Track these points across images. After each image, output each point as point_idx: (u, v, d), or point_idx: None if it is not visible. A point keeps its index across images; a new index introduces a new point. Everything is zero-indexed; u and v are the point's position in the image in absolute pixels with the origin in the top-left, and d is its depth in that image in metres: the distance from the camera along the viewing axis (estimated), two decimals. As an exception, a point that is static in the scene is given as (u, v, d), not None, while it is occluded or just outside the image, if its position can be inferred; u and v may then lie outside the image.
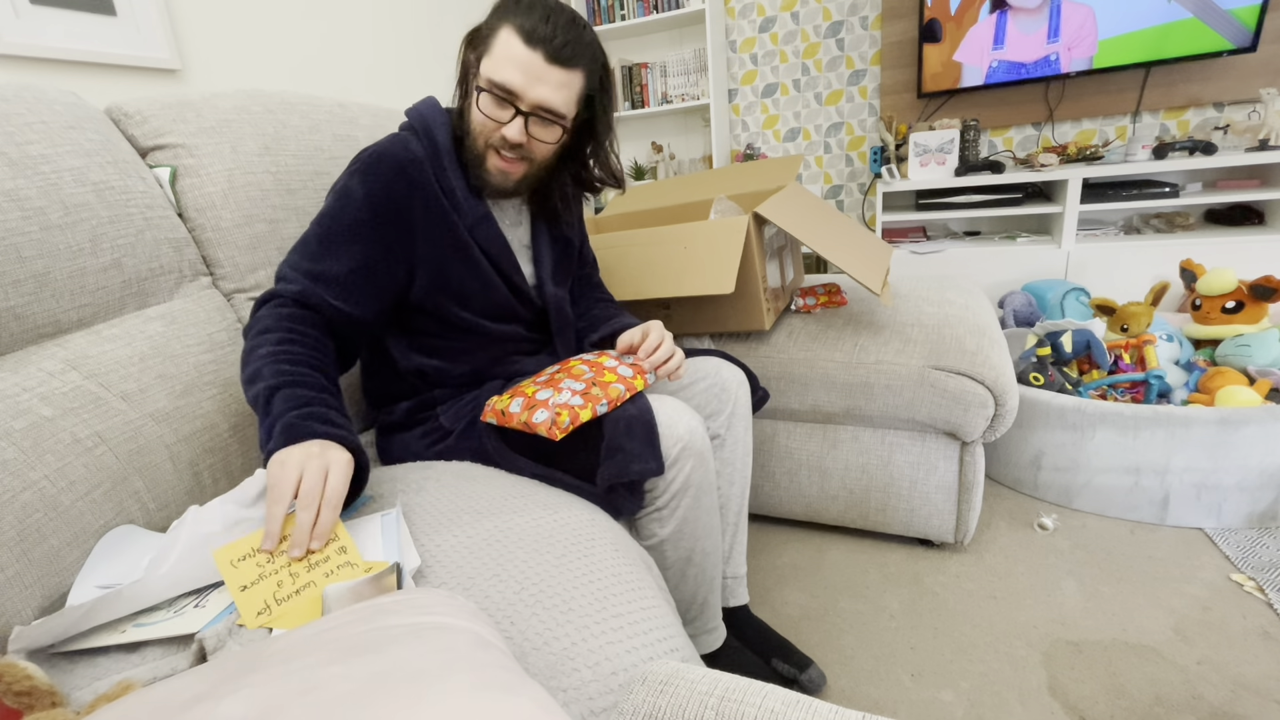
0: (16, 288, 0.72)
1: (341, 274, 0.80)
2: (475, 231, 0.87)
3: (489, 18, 0.81)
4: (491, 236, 0.89)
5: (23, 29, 1.10)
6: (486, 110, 0.80)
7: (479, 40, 0.81)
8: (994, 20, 2.22)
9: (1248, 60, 2.10)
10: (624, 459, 0.75)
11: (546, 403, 0.77)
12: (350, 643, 0.38)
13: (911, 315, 1.30)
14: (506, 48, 0.77)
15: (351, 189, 0.82)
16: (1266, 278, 1.40)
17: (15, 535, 0.62)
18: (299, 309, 0.77)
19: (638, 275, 1.20)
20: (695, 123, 2.95)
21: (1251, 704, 0.91)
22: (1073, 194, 2.11)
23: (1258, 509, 1.26)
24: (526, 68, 0.77)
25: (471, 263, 0.88)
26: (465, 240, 0.87)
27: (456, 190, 0.86)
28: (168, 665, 0.51)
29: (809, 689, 0.99)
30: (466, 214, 0.87)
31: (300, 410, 0.66)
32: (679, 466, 0.80)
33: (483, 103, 0.80)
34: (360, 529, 0.65)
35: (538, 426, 0.76)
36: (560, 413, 0.76)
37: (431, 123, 0.87)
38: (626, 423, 0.77)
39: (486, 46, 0.79)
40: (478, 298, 0.90)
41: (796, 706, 0.41)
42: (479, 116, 0.82)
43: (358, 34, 1.80)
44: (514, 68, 0.77)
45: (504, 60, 0.77)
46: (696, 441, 0.81)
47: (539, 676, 0.50)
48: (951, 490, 1.23)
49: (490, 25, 0.80)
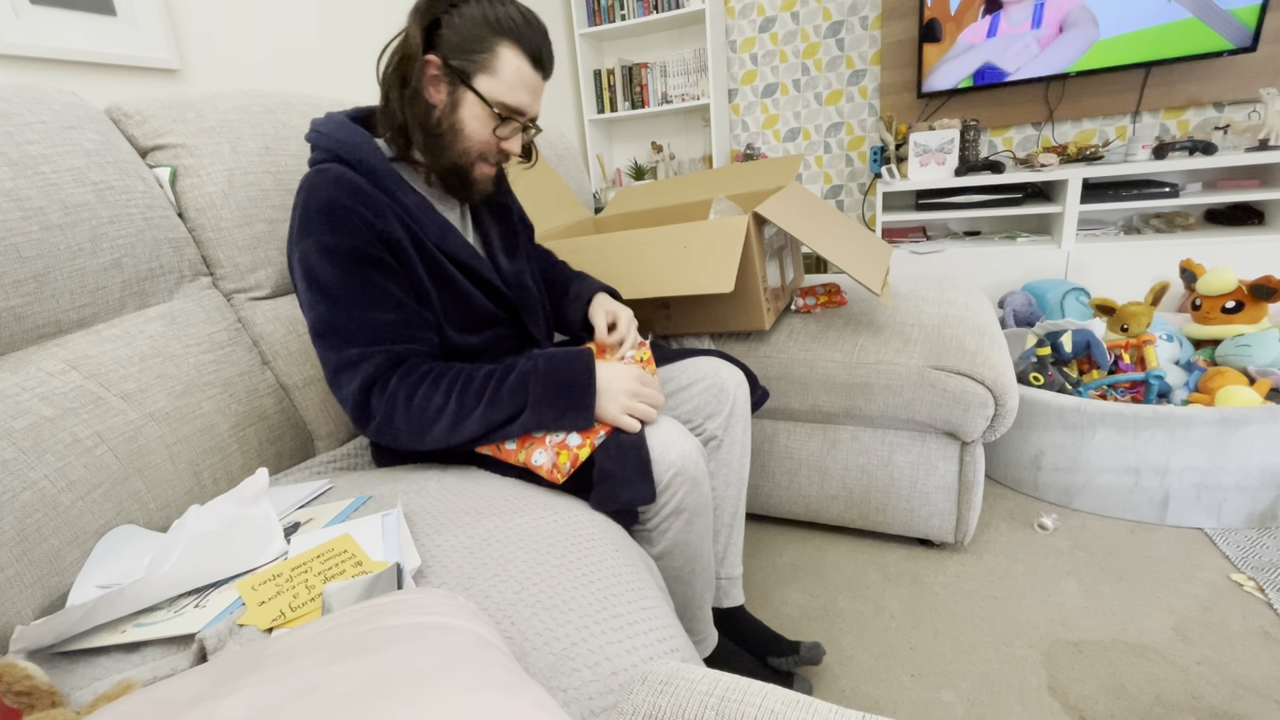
0: (16, 288, 0.72)
1: (394, 318, 0.77)
2: (443, 245, 0.83)
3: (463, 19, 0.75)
4: (459, 245, 0.85)
5: (23, 29, 1.09)
6: (494, 130, 0.80)
7: (457, 48, 0.76)
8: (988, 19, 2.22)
9: (1248, 60, 2.10)
10: (614, 486, 0.75)
11: (544, 441, 0.77)
12: (350, 643, 0.38)
13: (911, 315, 1.30)
14: (518, 72, 0.77)
15: (330, 244, 0.75)
16: (1266, 278, 1.40)
17: (15, 535, 0.62)
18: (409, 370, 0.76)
19: (638, 275, 1.20)
20: (695, 123, 2.95)
21: (1251, 704, 0.91)
22: (1073, 194, 2.11)
23: (1258, 509, 1.26)
24: (534, 89, 0.79)
25: (447, 279, 0.84)
26: (437, 259, 0.83)
27: (412, 206, 0.81)
28: (168, 665, 0.51)
29: (810, 660, 1.00)
30: (430, 229, 0.82)
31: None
32: (671, 491, 0.79)
33: (488, 122, 0.79)
34: (361, 529, 0.65)
35: (539, 469, 0.77)
36: (560, 454, 0.76)
37: (356, 148, 0.79)
38: (618, 449, 0.76)
39: (482, 64, 0.76)
40: (456, 312, 0.86)
41: (796, 706, 0.41)
42: (482, 134, 0.80)
43: (358, 34, 1.80)
44: (525, 92, 0.78)
45: (516, 85, 0.77)
46: (690, 467, 0.79)
47: (539, 676, 0.50)
48: (951, 490, 1.23)
49: (478, 36, 0.75)
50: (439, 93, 0.78)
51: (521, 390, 0.76)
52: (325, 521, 0.68)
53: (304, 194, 0.77)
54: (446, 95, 0.78)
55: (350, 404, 0.76)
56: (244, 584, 0.57)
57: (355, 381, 0.75)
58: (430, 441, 0.77)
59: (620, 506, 0.75)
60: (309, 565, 0.59)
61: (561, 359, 0.78)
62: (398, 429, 0.76)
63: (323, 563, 0.59)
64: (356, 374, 0.75)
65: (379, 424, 0.76)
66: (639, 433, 0.78)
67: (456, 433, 0.76)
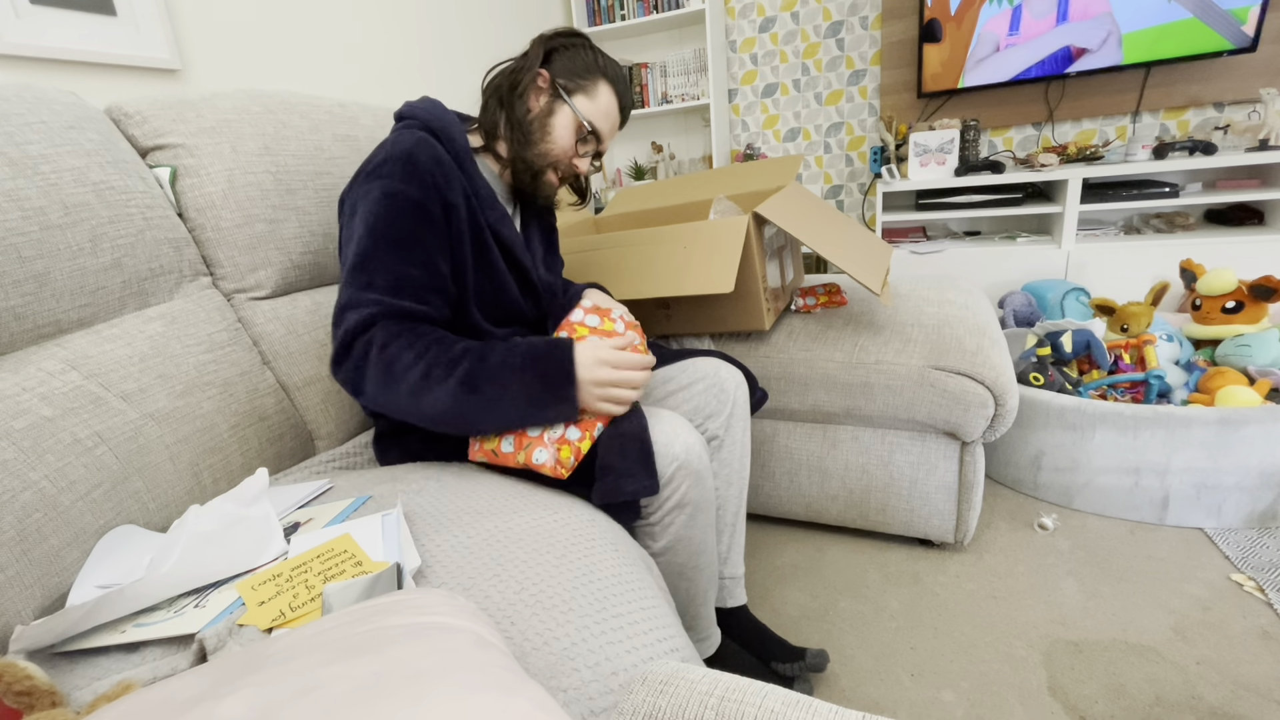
0: (16, 288, 0.72)
1: (424, 277, 0.80)
2: (497, 228, 0.90)
3: (581, 54, 0.90)
4: (511, 235, 0.92)
5: (23, 29, 1.09)
6: (576, 143, 0.92)
7: (569, 72, 0.89)
8: (1009, 13, 2.21)
9: (1248, 60, 2.10)
10: (616, 478, 0.75)
11: (542, 439, 0.76)
12: (350, 643, 0.38)
13: (911, 315, 1.30)
14: (610, 105, 0.92)
15: (399, 189, 0.79)
16: (1266, 278, 1.40)
17: (15, 535, 0.62)
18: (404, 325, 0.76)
19: (638, 275, 1.20)
20: (695, 123, 2.95)
21: (1251, 704, 0.91)
22: (1073, 194, 2.11)
23: (1258, 509, 1.26)
24: (614, 125, 0.94)
25: (489, 262, 0.90)
26: (487, 241, 0.89)
27: (481, 190, 0.88)
28: (168, 665, 0.51)
29: (815, 667, 0.99)
30: (490, 213, 0.89)
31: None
32: (674, 485, 0.79)
33: (574, 134, 0.91)
34: (361, 529, 0.65)
35: (541, 468, 0.76)
36: (561, 449, 0.75)
37: (447, 125, 0.88)
38: (621, 441, 0.76)
39: (584, 89, 0.90)
40: (489, 298, 0.91)
41: (796, 706, 0.41)
42: (565, 142, 0.91)
43: (358, 34, 1.80)
44: (609, 123, 0.93)
45: (604, 114, 0.92)
46: (694, 460, 0.80)
47: (539, 676, 0.50)
48: (951, 490, 1.23)
49: (589, 68, 0.90)
50: (539, 100, 0.90)
51: (498, 383, 0.74)
52: (325, 521, 0.68)
53: (388, 145, 0.83)
54: (545, 103, 0.90)
55: (337, 343, 0.77)
56: (244, 584, 0.57)
57: (353, 320, 0.76)
58: (396, 407, 0.76)
59: (624, 499, 0.75)
60: (309, 565, 0.59)
61: (543, 354, 0.76)
62: (365, 377, 0.75)
63: (323, 563, 0.59)
64: (359, 315, 0.76)
65: (350, 367, 0.76)
66: (642, 425, 0.78)
67: (422, 401, 0.74)
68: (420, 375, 0.73)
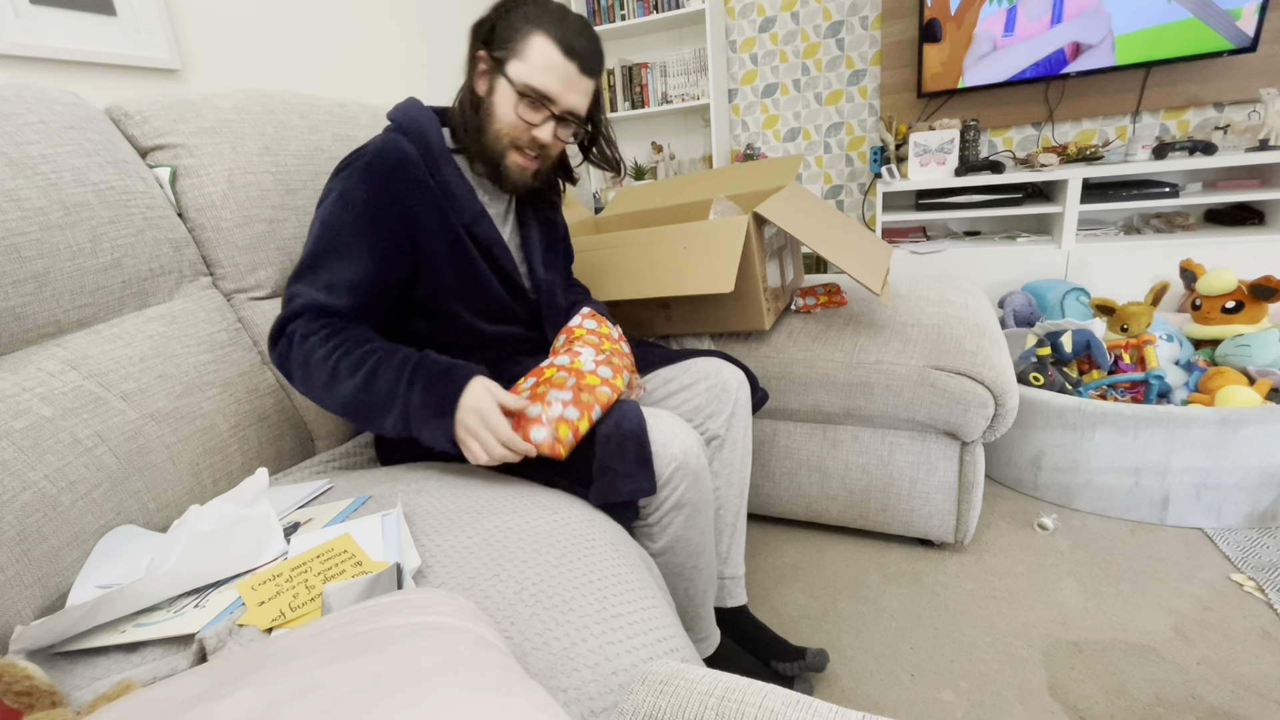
0: (16, 288, 0.72)
1: (356, 279, 0.81)
2: (472, 229, 0.89)
3: (510, 18, 0.82)
4: (488, 234, 0.90)
5: (23, 29, 1.10)
6: (520, 112, 0.83)
7: (501, 41, 0.82)
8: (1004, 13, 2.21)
9: (1248, 60, 2.10)
10: (614, 478, 0.75)
11: (540, 419, 0.75)
12: (350, 643, 0.38)
13: (911, 315, 1.30)
14: (545, 57, 0.81)
15: (351, 191, 0.82)
16: (1266, 278, 1.40)
17: (15, 535, 0.62)
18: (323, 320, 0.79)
19: (638, 275, 1.20)
20: (695, 123, 2.95)
21: (1251, 704, 0.91)
22: (1073, 194, 2.11)
23: (1258, 509, 1.26)
24: (564, 77, 0.82)
25: (468, 262, 0.89)
26: (461, 238, 0.88)
27: (453, 187, 0.87)
28: (168, 665, 0.51)
29: (815, 667, 0.99)
30: (464, 211, 0.88)
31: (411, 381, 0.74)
32: (672, 486, 0.79)
33: (515, 104, 0.83)
34: (361, 529, 0.65)
35: (540, 446, 0.74)
36: (559, 427, 0.74)
37: (420, 123, 0.88)
38: (619, 441, 0.76)
39: (515, 50, 0.82)
40: (474, 297, 0.91)
41: (796, 706, 0.41)
42: (509, 117, 0.84)
43: (358, 34, 1.80)
44: (553, 76, 0.82)
45: (543, 69, 0.81)
46: (692, 461, 0.79)
47: (539, 676, 0.50)
48: (951, 490, 1.23)
49: (516, 28, 0.81)
50: (484, 84, 0.86)
51: (390, 390, 0.75)
52: (325, 521, 0.68)
53: (360, 148, 0.86)
54: (488, 84, 0.85)
55: (274, 326, 0.80)
56: (244, 584, 0.57)
57: (286, 310, 0.80)
58: (316, 396, 0.78)
59: (621, 499, 0.75)
60: (309, 565, 0.59)
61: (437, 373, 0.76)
62: (291, 363, 0.79)
63: (323, 563, 0.59)
64: (291, 306, 0.80)
65: (279, 352, 0.80)
66: (640, 425, 0.78)
67: (334, 394, 0.76)
68: (329, 372, 0.76)
